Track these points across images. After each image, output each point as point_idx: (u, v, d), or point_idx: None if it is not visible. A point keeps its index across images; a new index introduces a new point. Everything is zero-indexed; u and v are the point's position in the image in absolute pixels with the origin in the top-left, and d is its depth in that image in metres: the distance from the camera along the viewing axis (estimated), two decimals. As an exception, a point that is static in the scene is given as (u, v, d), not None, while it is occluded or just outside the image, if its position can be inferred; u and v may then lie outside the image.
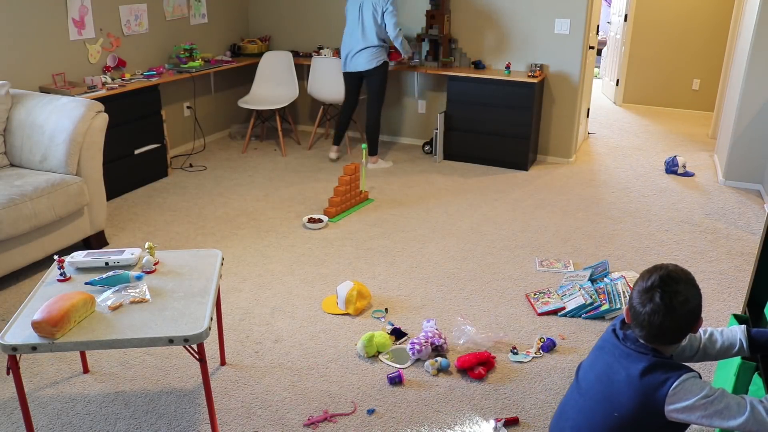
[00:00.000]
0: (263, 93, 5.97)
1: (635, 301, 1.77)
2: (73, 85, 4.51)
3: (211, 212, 4.50)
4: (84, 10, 4.69)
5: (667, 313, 1.70)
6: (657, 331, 1.73)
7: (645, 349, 1.76)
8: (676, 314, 1.71)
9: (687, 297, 1.71)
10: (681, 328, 1.74)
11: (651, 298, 1.72)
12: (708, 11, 7.40)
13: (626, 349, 1.79)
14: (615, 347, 1.84)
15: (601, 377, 1.84)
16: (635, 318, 1.77)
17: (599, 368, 1.87)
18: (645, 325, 1.74)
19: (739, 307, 3.32)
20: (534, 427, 2.45)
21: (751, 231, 4.26)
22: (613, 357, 1.83)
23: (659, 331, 1.73)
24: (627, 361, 1.77)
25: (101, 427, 2.44)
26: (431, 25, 5.59)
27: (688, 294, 1.72)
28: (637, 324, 1.77)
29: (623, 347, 1.81)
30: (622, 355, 1.80)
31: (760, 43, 4.70)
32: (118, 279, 2.36)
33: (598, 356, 1.90)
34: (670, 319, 1.71)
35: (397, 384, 2.69)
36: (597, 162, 5.76)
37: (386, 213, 4.51)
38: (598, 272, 3.45)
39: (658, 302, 1.71)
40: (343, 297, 3.21)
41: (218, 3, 6.04)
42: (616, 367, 1.80)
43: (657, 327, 1.72)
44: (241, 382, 2.70)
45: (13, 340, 2.03)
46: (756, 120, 4.89)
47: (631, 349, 1.78)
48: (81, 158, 3.68)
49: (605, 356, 1.86)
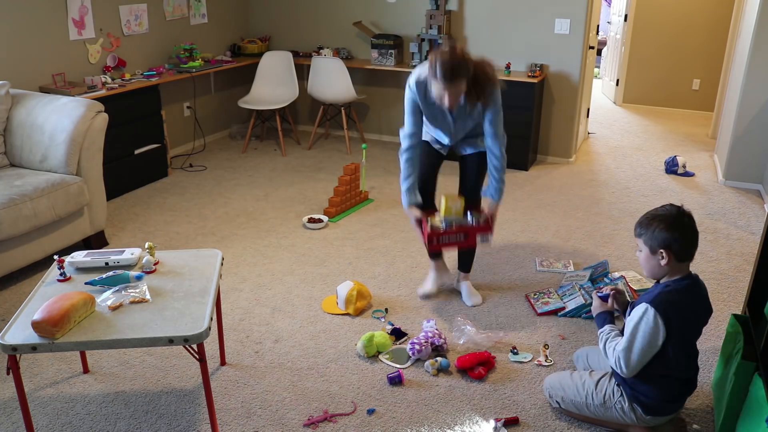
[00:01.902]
0: (263, 93, 5.97)
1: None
2: (73, 85, 4.51)
3: (211, 212, 4.50)
4: (84, 10, 4.69)
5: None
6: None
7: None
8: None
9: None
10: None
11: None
12: (708, 11, 7.40)
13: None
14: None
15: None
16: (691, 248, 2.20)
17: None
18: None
19: (739, 307, 3.31)
20: (534, 427, 2.45)
21: (751, 231, 4.26)
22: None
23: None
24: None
25: (101, 427, 2.44)
26: (431, 25, 5.60)
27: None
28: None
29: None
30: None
31: (760, 43, 4.70)
32: (118, 279, 2.36)
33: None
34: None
35: (397, 384, 2.69)
36: (597, 162, 5.76)
37: (386, 213, 4.51)
38: (598, 272, 3.45)
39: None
40: (343, 297, 3.21)
41: (218, 3, 6.05)
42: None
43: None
44: (241, 382, 2.70)
45: (13, 340, 2.03)
46: (756, 120, 4.89)
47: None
48: (81, 158, 3.68)
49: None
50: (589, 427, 2.44)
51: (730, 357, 2.43)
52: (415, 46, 5.72)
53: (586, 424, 2.45)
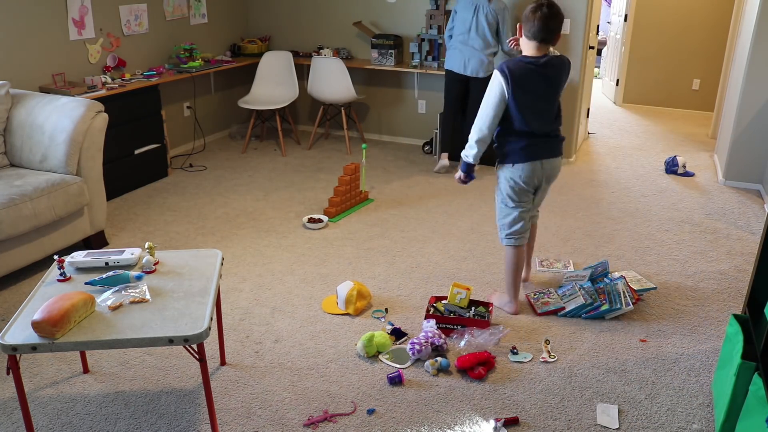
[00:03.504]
0: (263, 93, 5.97)
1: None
2: (73, 85, 4.51)
3: (211, 212, 4.50)
4: (84, 10, 4.69)
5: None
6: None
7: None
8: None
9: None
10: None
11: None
12: (708, 11, 7.40)
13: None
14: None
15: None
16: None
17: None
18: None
19: (739, 307, 3.32)
20: (534, 427, 2.45)
21: (751, 231, 4.26)
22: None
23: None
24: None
25: (101, 427, 2.44)
26: (431, 25, 5.60)
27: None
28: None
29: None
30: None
31: (760, 43, 4.70)
32: (118, 279, 2.36)
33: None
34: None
35: (397, 384, 2.69)
36: (597, 162, 5.76)
37: (386, 213, 4.51)
38: (598, 272, 3.45)
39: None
40: (343, 297, 3.21)
41: (218, 3, 6.05)
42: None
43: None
44: (241, 382, 2.70)
45: (13, 340, 2.03)
46: (756, 120, 4.89)
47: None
48: (81, 158, 3.68)
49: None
50: (588, 427, 2.45)
51: (730, 357, 2.43)
52: (415, 46, 5.72)
53: (584, 423, 2.45)
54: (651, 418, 2.50)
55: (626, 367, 2.82)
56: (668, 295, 3.43)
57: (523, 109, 2.88)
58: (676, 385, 2.70)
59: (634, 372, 2.78)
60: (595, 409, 2.55)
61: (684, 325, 3.15)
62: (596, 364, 2.84)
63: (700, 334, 3.08)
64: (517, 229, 3.11)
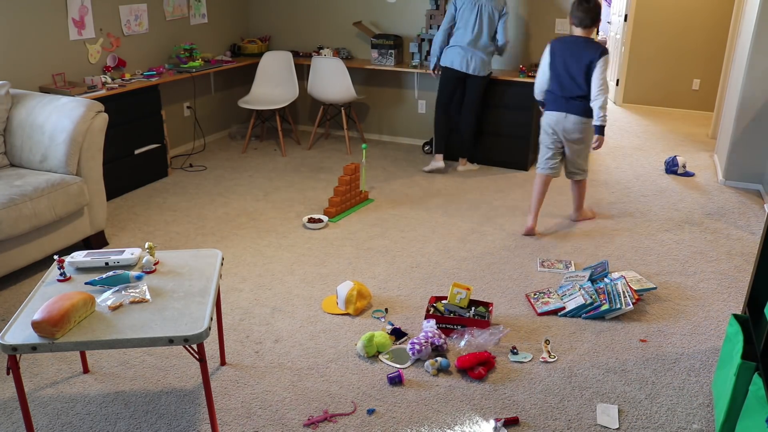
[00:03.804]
0: (263, 93, 5.97)
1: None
2: (73, 85, 4.51)
3: (211, 212, 4.50)
4: (84, 10, 4.69)
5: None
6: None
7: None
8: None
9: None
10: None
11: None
12: (708, 11, 7.40)
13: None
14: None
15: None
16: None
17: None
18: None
19: (739, 307, 3.32)
20: (534, 427, 2.45)
21: (751, 231, 4.26)
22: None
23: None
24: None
25: (101, 427, 2.44)
26: (431, 25, 5.59)
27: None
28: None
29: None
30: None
31: (760, 43, 4.70)
32: (118, 279, 2.36)
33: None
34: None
35: (397, 384, 2.69)
36: (597, 162, 5.76)
37: (386, 213, 4.51)
38: (598, 272, 3.45)
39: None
40: (343, 297, 3.21)
41: (218, 3, 6.05)
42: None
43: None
44: (241, 382, 2.70)
45: (13, 340, 2.03)
46: (756, 120, 4.89)
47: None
48: (81, 158, 3.68)
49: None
50: (588, 427, 2.45)
51: (730, 357, 2.43)
52: (415, 46, 5.72)
53: (584, 423, 2.46)
54: (651, 418, 2.50)
55: (626, 367, 2.82)
56: (668, 295, 3.44)
57: (551, 73, 3.93)
58: (676, 385, 2.70)
59: (634, 372, 2.78)
60: (595, 409, 2.55)
61: (684, 325, 3.16)
62: (596, 364, 2.84)
63: (700, 334, 3.08)
64: (540, 161, 4.13)
